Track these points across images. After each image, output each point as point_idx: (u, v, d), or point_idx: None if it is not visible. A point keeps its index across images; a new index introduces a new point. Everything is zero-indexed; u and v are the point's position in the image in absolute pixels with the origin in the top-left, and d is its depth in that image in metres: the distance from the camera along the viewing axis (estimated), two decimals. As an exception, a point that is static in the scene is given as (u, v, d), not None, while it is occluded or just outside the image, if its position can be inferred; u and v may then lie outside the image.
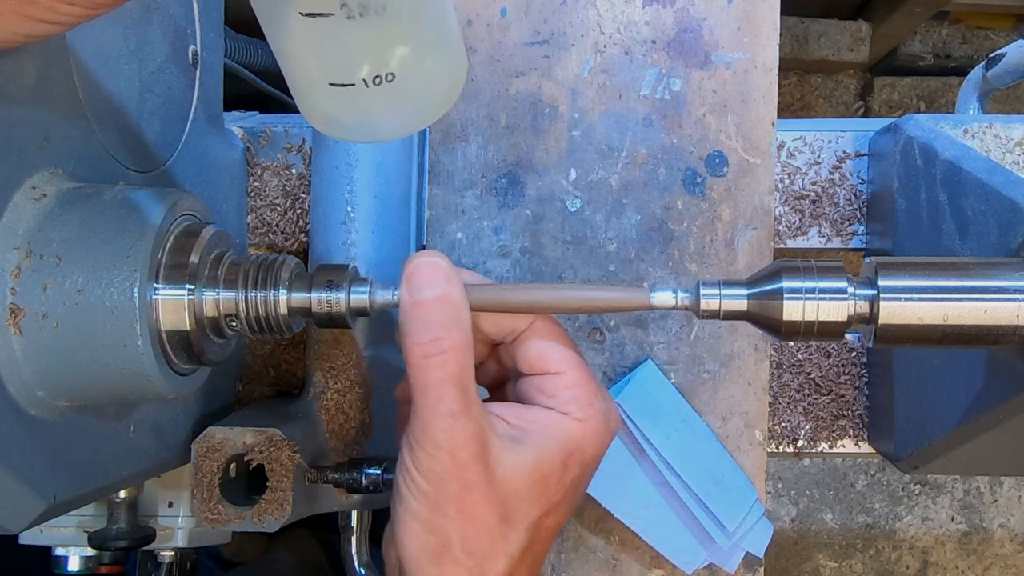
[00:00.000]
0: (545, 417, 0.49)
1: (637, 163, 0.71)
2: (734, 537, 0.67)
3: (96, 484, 0.51)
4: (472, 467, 0.46)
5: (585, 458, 0.50)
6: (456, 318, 0.47)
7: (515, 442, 0.48)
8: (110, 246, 0.44)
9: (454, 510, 0.47)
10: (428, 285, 0.47)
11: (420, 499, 0.47)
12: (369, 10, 0.41)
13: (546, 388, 0.50)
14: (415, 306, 0.47)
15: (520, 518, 0.48)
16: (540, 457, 0.48)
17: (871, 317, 0.46)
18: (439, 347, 0.46)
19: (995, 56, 0.79)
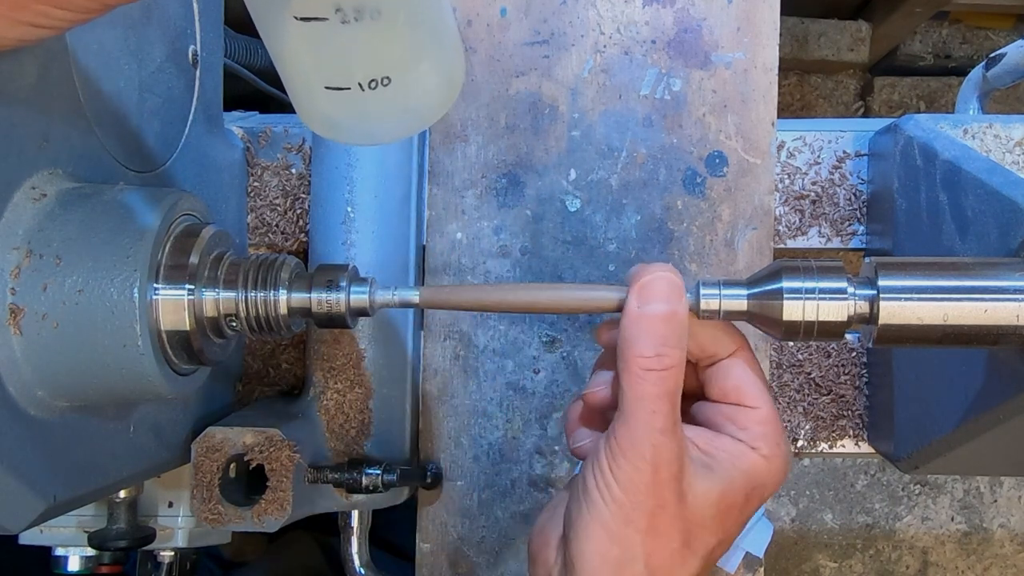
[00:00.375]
0: (735, 448, 0.49)
1: (637, 163, 0.71)
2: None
3: (96, 484, 0.51)
4: (670, 486, 0.46)
5: (764, 494, 0.50)
6: (681, 337, 0.47)
7: (706, 469, 0.48)
8: (110, 246, 0.44)
9: (644, 525, 0.47)
10: (661, 299, 0.47)
11: (613, 508, 0.47)
12: (364, 15, 0.41)
13: (738, 420, 0.50)
14: (644, 318, 0.47)
15: (700, 545, 0.48)
16: (727, 488, 0.48)
17: (871, 317, 0.46)
18: (661, 363, 0.46)
19: (995, 56, 0.79)
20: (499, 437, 0.72)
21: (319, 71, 0.44)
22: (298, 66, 0.45)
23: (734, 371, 0.50)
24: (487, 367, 0.72)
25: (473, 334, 0.72)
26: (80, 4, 0.37)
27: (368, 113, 0.46)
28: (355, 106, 0.45)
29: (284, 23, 0.42)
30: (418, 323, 0.73)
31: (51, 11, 0.36)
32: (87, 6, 0.37)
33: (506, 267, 0.71)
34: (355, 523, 0.71)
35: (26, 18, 0.37)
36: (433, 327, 0.73)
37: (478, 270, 0.72)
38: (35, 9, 0.36)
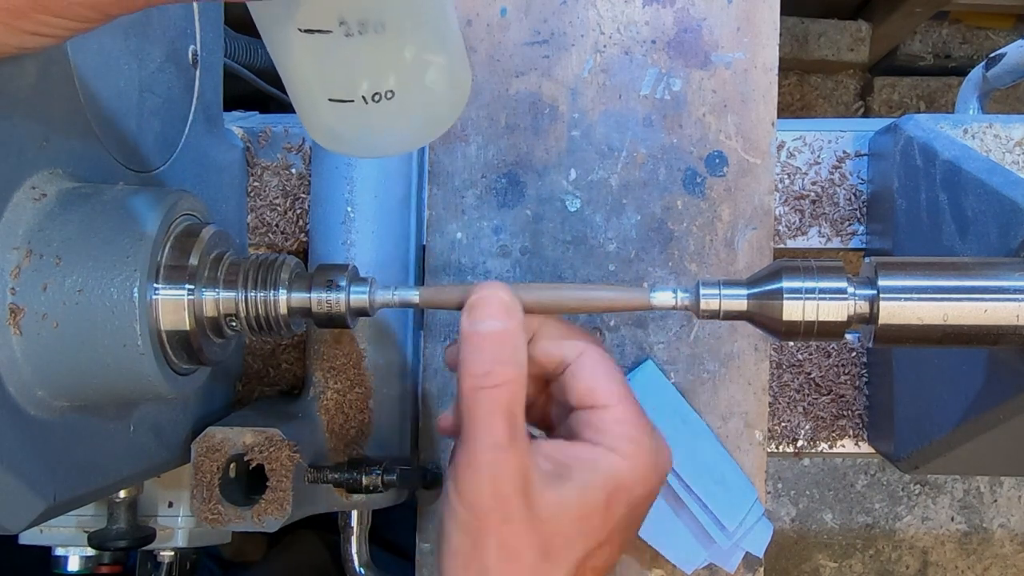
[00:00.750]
0: (589, 453, 0.48)
1: (637, 163, 0.71)
2: (734, 537, 0.67)
3: (96, 484, 0.51)
4: (513, 501, 0.46)
5: (632, 497, 0.49)
6: (512, 354, 0.47)
7: (559, 479, 0.47)
8: (110, 246, 0.44)
9: (495, 544, 0.46)
10: (488, 317, 0.47)
11: (461, 531, 0.46)
12: (368, 28, 0.41)
13: (594, 422, 0.49)
14: (473, 337, 0.47)
15: (563, 556, 0.47)
16: (583, 494, 0.47)
17: (871, 317, 0.46)
18: (492, 380, 0.46)
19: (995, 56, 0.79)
20: (499, 437, 0.72)
21: (323, 83, 0.44)
22: (302, 78, 0.45)
23: (582, 372, 0.49)
24: (487, 367, 0.72)
25: (473, 334, 0.72)
26: (80, 14, 0.37)
27: (372, 126, 0.46)
28: (359, 119, 0.45)
29: (289, 35, 0.42)
30: (418, 323, 0.73)
31: (52, 20, 0.37)
32: (87, 16, 0.37)
33: (506, 267, 0.71)
34: (355, 523, 0.71)
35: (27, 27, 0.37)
36: (433, 327, 0.73)
37: (478, 270, 0.72)
38: (36, 18, 0.36)
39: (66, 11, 0.36)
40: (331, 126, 0.47)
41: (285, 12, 0.42)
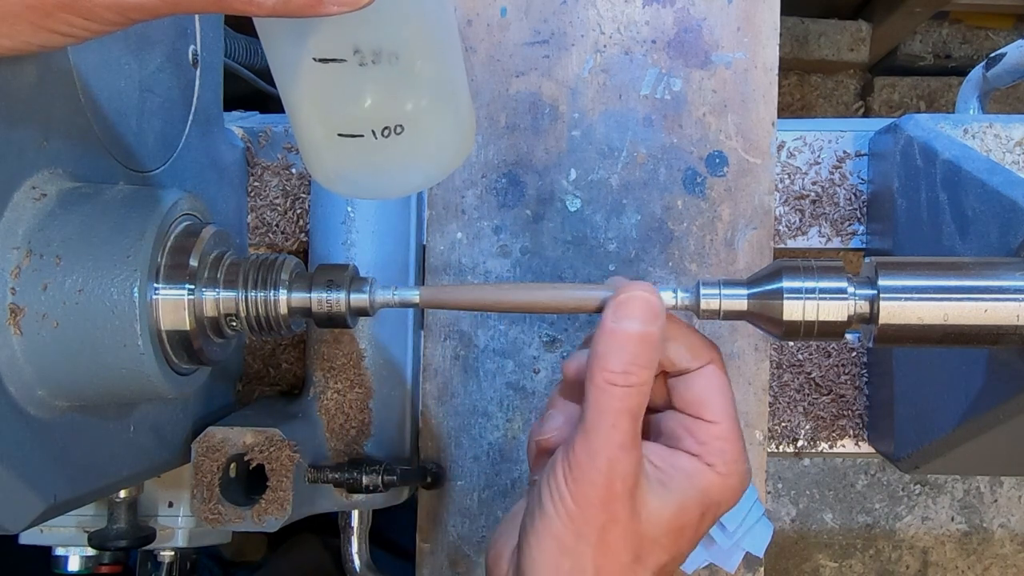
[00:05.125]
0: (691, 466, 0.49)
1: (637, 163, 0.71)
2: (734, 537, 0.67)
3: (96, 484, 0.51)
4: (623, 502, 0.46)
5: (718, 512, 0.50)
6: (651, 358, 0.47)
7: (661, 486, 0.48)
8: (110, 246, 0.44)
9: (595, 539, 0.47)
10: (636, 318, 0.47)
11: (565, 521, 0.47)
12: (381, 58, 0.41)
13: (697, 433, 0.49)
14: (617, 334, 0.47)
15: (652, 561, 0.48)
16: (681, 505, 0.48)
17: (871, 317, 0.46)
18: (628, 380, 0.46)
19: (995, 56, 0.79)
20: (499, 437, 0.72)
21: (332, 117, 0.44)
22: (312, 111, 0.45)
23: (699, 383, 0.50)
24: (487, 367, 0.72)
25: (473, 334, 0.72)
26: (105, 17, 0.37)
27: (379, 163, 0.46)
28: (367, 155, 0.45)
29: (301, 65, 0.42)
30: (418, 323, 0.73)
31: (76, 21, 0.37)
32: (111, 19, 0.37)
33: (506, 267, 0.71)
34: (355, 523, 0.71)
35: (52, 26, 0.37)
36: (433, 327, 0.73)
37: (478, 270, 0.72)
38: (61, 18, 0.37)
39: (90, 13, 0.37)
40: (338, 165, 0.47)
41: (298, 40, 0.41)
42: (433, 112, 0.45)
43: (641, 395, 0.46)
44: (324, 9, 0.37)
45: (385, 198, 0.67)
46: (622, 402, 0.46)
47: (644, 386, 0.46)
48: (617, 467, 0.46)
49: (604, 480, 0.46)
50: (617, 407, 0.46)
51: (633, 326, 0.46)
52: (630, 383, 0.46)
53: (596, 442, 0.46)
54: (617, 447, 0.46)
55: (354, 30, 0.41)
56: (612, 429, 0.46)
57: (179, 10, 0.37)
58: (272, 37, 0.43)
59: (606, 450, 0.46)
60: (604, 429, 0.46)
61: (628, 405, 0.46)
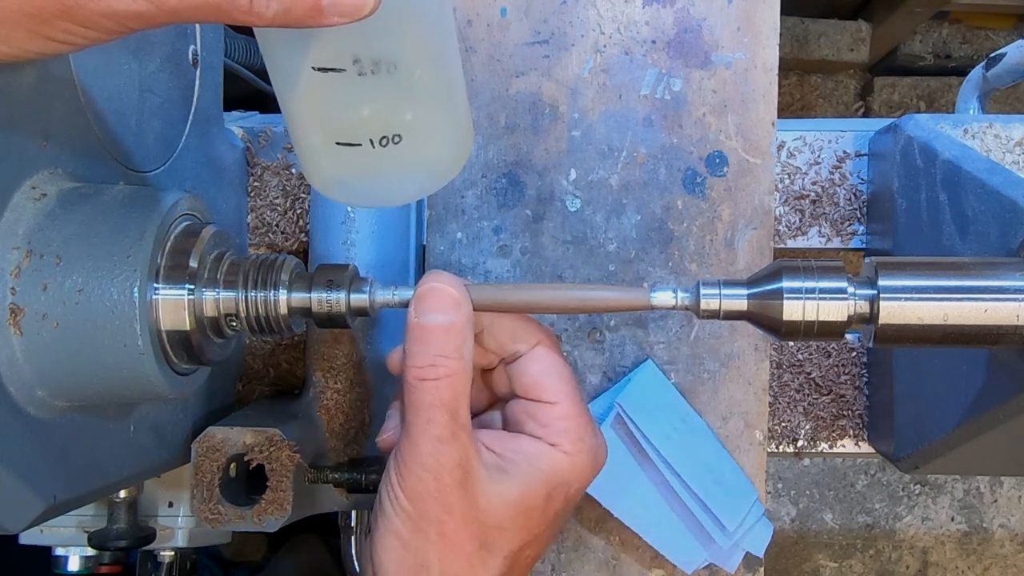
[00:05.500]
0: (532, 448, 0.49)
1: (637, 163, 0.71)
2: (734, 537, 0.67)
3: (96, 484, 0.51)
4: (455, 492, 0.47)
5: (569, 492, 0.50)
6: (458, 347, 0.47)
7: (500, 472, 0.48)
8: (110, 246, 0.44)
9: (434, 533, 0.47)
10: (435, 310, 0.47)
11: (402, 518, 0.48)
12: (381, 68, 0.42)
13: (538, 416, 0.50)
14: (419, 328, 0.47)
15: (500, 546, 0.48)
16: (525, 489, 0.48)
17: (871, 317, 0.46)
18: (435, 372, 0.46)
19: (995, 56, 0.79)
20: (499, 437, 0.72)
21: (331, 125, 0.44)
22: (311, 120, 0.45)
23: (532, 366, 0.50)
24: (487, 367, 0.72)
25: (473, 334, 0.72)
26: (102, 25, 0.37)
27: (377, 172, 0.46)
28: (365, 164, 0.45)
29: (300, 74, 0.42)
30: (418, 323, 0.73)
31: (74, 28, 0.37)
32: (109, 27, 0.37)
33: (506, 267, 0.71)
34: (355, 523, 0.71)
35: (50, 33, 0.37)
36: (433, 327, 0.73)
37: (478, 270, 0.72)
38: (58, 25, 0.37)
39: (89, 21, 0.37)
40: (335, 173, 0.47)
41: (298, 49, 0.41)
42: (431, 122, 0.45)
43: (453, 386, 0.46)
44: (325, 20, 0.37)
45: (382, 206, 0.67)
46: (433, 396, 0.46)
47: (455, 376, 0.46)
48: (441, 460, 0.46)
49: (431, 475, 0.46)
50: (429, 400, 0.46)
51: (435, 318, 0.47)
52: (438, 375, 0.46)
53: (416, 438, 0.47)
54: (436, 440, 0.46)
55: (353, 40, 0.41)
56: (427, 424, 0.46)
57: (177, 19, 0.37)
58: (271, 46, 0.43)
59: (425, 445, 0.46)
60: (420, 425, 0.46)
61: (440, 397, 0.46)
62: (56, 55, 0.39)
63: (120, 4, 0.36)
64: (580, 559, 0.70)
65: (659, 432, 0.66)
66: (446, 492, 0.47)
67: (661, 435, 0.66)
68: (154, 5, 0.36)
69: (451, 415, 0.47)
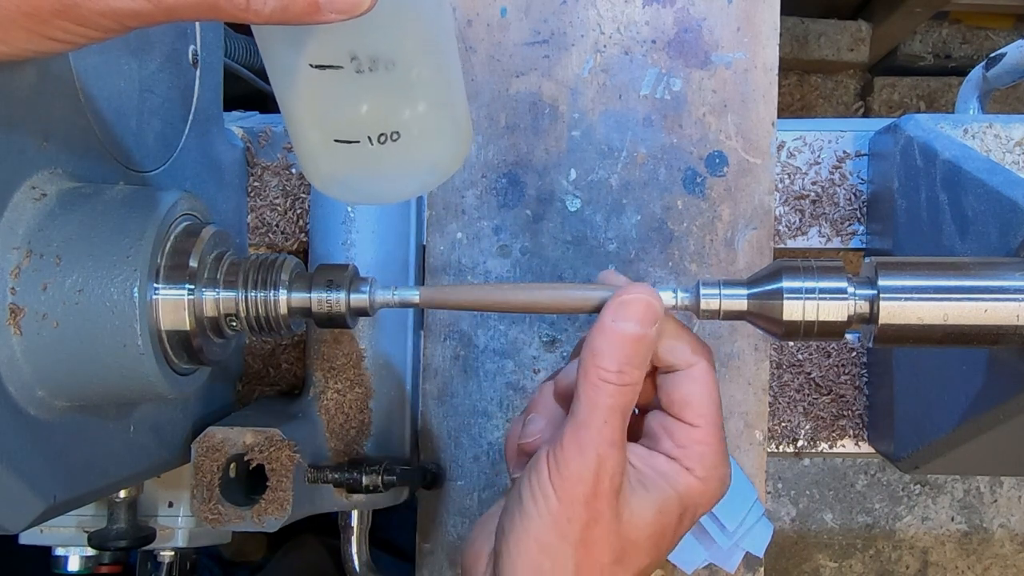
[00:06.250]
0: (669, 469, 0.49)
1: (637, 163, 0.71)
2: (734, 537, 0.67)
3: (96, 484, 0.51)
4: (607, 500, 0.46)
5: (696, 514, 0.50)
6: (645, 359, 0.47)
7: (642, 487, 0.48)
8: (110, 246, 0.44)
9: (578, 538, 0.46)
10: (637, 321, 0.47)
11: (547, 520, 0.46)
12: (378, 65, 0.42)
13: (677, 435, 0.49)
14: (615, 334, 0.47)
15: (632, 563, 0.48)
16: (662, 509, 0.48)
17: (871, 317, 0.46)
18: (621, 379, 0.46)
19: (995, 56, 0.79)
20: (499, 437, 0.72)
21: (329, 123, 0.44)
22: (309, 117, 0.45)
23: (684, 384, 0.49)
24: (487, 367, 0.72)
25: (473, 334, 0.72)
26: (101, 24, 0.37)
27: (375, 169, 0.46)
28: (363, 161, 0.45)
29: (298, 71, 0.42)
30: (418, 323, 0.73)
31: (72, 27, 0.37)
32: (108, 26, 0.37)
33: (506, 267, 0.71)
34: (355, 523, 0.71)
35: (47, 33, 0.37)
36: (433, 327, 0.73)
37: (478, 270, 0.72)
38: (57, 24, 0.37)
39: (87, 20, 0.37)
40: (334, 170, 0.47)
41: (296, 47, 0.41)
42: (429, 119, 0.45)
43: (632, 394, 0.46)
44: (322, 16, 0.37)
45: (381, 203, 0.67)
46: (614, 399, 0.46)
47: (635, 386, 0.47)
48: (606, 464, 0.46)
49: (592, 476, 0.46)
50: (610, 404, 0.46)
51: (632, 328, 0.47)
52: (624, 382, 0.46)
53: (586, 437, 0.46)
54: (608, 443, 0.46)
55: (351, 37, 0.41)
56: (604, 425, 0.46)
57: (176, 17, 0.37)
58: (269, 43, 0.43)
59: (597, 446, 0.46)
60: (596, 425, 0.46)
61: (620, 403, 0.46)
62: (55, 54, 0.39)
63: (118, 2, 0.36)
64: (580, 559, 0.70)
65: (659, 432, 0.66)
66: (600, 498, 0.46)
67: (661, 435, 0.66)
68: (152, 3, 0.36)
69: (623, 422, 0.46)
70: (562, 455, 0.46)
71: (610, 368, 0.46)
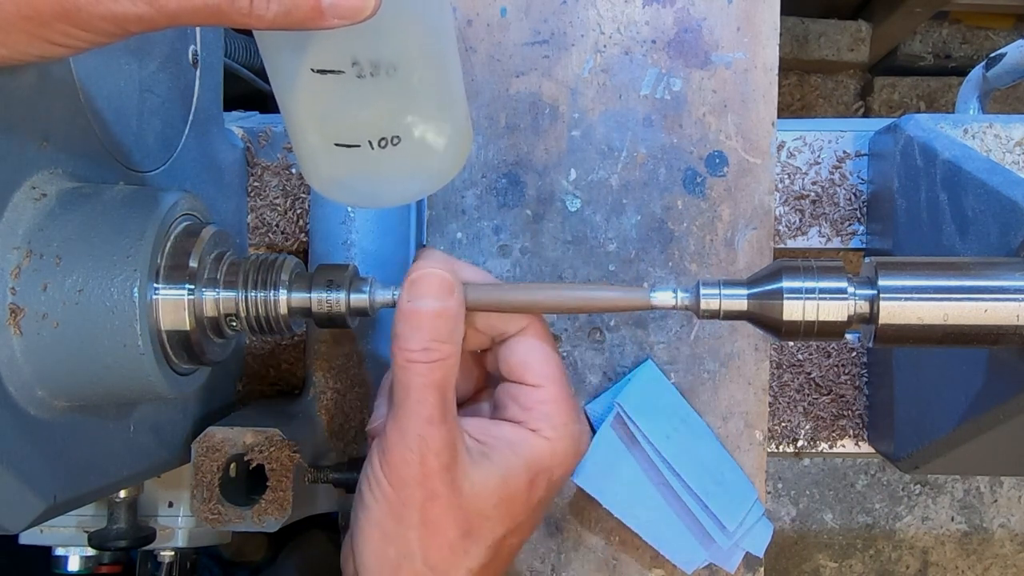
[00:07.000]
0: (513, 434, 0.49)
1: (637, 163, 0.71)
2: (734, 537, 0.67)
3: (96, 484, 0.51)
4: (440, 477, 0.46)
5: (552, 478, 0.50)
6: (450, 332, 0.47)
7: (483, 458, 0.48)
8: (110, 246, 0.44)
9: (417, 520, 0.46)
10: (429, 296, 0.47)
11: (383, 505, 0.47)
12: (380, 70, 0.42)
13: (521, 398, 0.50)
14: (412, 313, 0.47)
15: (484, 534, 0.48)
16: (507, 475, 0.48)
17: (871, 317, 0.46)
18: (429, 356, 0.46)
19: (995, 56, 0.79)
20: (499, 437, 0.72)
21: (330, 127, 0.44)
22: (310, 121, 0.45)
23: (519, 348, 0.50)
24: (487, 367, 0.72)
25: (473, 334, 0.72)
26: (102, 28, 0.37)
27: (376, 173, 0.46)
28: (364, 165, 0.45)
29: (299, 75, 0.42)
30: (418, 323, 0.73)
31: (74, 32, 0.37)
32: (108, 30, 0.37)
33: (506, 267, 0.71)
34: (355, 523, 0.71)
35: (49, 37, 0.37)
36: (433, 327, 0.73)
37: (478, 270, 0.72)
38: (58, 28, 0.37)
39: (88, 24, 0.37)
40: (334, 174, 0.47)
41: (298, 51, 0.41)
42: (430, 124, 0.45)
43: (444, 368, 0.46)
44: (325, 22, 0.37)
45: (381, 207, 0.67)
46: (424, 377, 0.46)
47: (446, 359, 0.46)
48: (429, 442, 0.46)
49: (417, 457, 0.46)
50: (420, 382, 0.46)
51: (428, 304, 0.47)
52: (432, 359, 0.46)
53: (404, 420, 0.46)
54: (425, 422, 0.46)
55: (353, 42, 0.41)
56: (418, 405, 0.46)
57: (177, 23, 0.37)
58: (271, 47, 0.43)
59: (415, 427, 0.46)
60: (411, 406, 0.46)
61: (432, 379, 0.46)
62: (56, 58, 0.39)
63: (120, 7, 0.36)
64: (580, 559, 0.70)
65: (659, 432, 0.66)
66: (431, 476, 0.46)
67: (661, 435, 0.66)
68: (154, 8, 0.36)
69: (441, 396, 0.46)
70: (386, 442, 0.47)
71: (414, 348, 0.46)
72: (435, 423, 0.46)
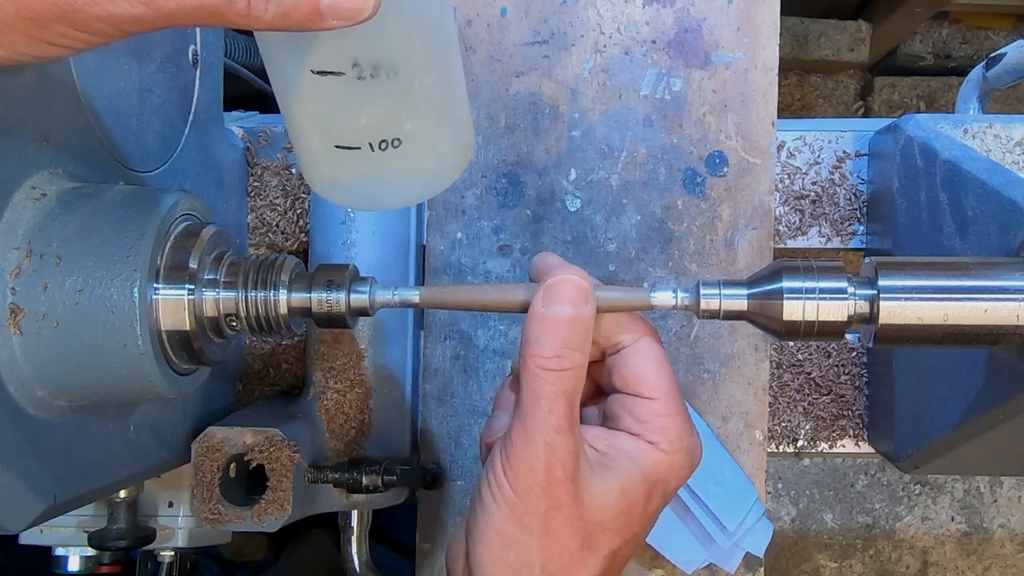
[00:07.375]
0: (632, 445, 0.48)
1: (637, 163, 0.71)
2: (734, 537, 0.67)
3: (96, 484, 0.51)
4: (564, 487, 0.46)
5: (667, 490, 0.49)
6: (584, 340, 0.47)
7: (603, 468, 0.48)
8: (110, 246, 0.44)
9: (539, 528, 0.46)
10: (565, 302, 0.46)
11: (506, 512, 0.46)
12: (380, 72, 0.41)
13: (637, 411, 0.49)
14: (546, 319, 0.46)
15: (602, 545, 0.48)
16: (626, 487, 0.48)
17: (871, 317, 0.46)
18: (560, 364, 0.46)
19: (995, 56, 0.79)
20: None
21: (330, 129, 0.44)
22: (310, 123, 0.45)
23: (634, 360, 0.49)
24: (487, 367, 0.72)
25: (473, 334, 0.72)
26: (100, 29, 0.37)
27: (376, 175, 0.46)
28: (364, 167, 0.45)
29: (300, 77, 0.42)
30: (418, 323, 0.73)
31: (71, 32, 0.37)
32: (106, 31, 0.37)
33: (506, 267, 0.71)
34: (355, 523, 0.71)
35: (46, 37, 0.37)
36: (433, 327, 0.73)
37: (478, 270, 0.72)
38: (56, 29, 0.37)
39: (86, 25, 0.36)
40: (334, 176, 0.47)
41: (298, 52, 0.41)
42: (431, 126, 0.45)
43: (575, 378, 0.46)
44: (324, 23, 0.37)
45: (382, 209, 0.67)
46: (555, 386, 0.46)
47: (578, 369, 0.46)
48: (555, 451, 0.45)
49: (543, 465, 0.45)
50: (551, 391, 0.46)
51: (563, 310, 0.46)
52: (563, 367, 0.46)
53: (532, 428, 0.46)
54: (554, 431, 0.45)
55: (353, 44, 0.41)
56: (548, 414, 0.45)
57: (174, 23, 0.37)
58: (270, 48, 0.43)
59: (543, 435, 0.45)
60: (540, 414, 0.46)
61: (562, 388, 0.46)
62: (54, 59, 0.39)
63: (117, 8, 0.36)
64: (580, 559, 0.70)
65: (659, 432, 0.66)
66: (556, 485, 0.46)
67: (661, 435, 0.66)
68: (151, 9, 0.36)
69: (569, 407, 0.46)
70: (511, 448, 0.46)
71: (547, 355, 0.46)
72: (563, 432, 0.46)
